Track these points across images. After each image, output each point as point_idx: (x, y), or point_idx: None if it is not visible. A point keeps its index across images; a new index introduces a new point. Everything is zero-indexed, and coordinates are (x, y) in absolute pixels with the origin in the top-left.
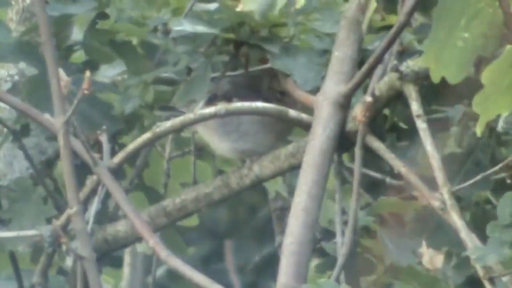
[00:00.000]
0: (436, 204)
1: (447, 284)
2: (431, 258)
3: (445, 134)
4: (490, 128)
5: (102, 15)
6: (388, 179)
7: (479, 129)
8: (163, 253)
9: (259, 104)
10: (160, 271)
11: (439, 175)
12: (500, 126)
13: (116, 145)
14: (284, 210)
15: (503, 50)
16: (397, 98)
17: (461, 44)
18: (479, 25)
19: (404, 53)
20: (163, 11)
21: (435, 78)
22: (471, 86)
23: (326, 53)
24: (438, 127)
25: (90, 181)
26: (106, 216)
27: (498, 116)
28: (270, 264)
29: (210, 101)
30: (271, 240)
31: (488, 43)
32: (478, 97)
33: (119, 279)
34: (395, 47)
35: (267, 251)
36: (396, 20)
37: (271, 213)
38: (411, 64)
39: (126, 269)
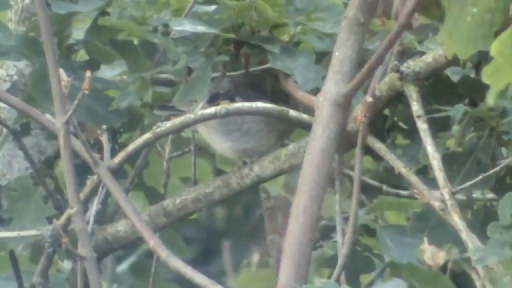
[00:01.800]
0: (436, 204)
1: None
2: (433, 255)
3: (446, 133)
4: (491, 127)
5: (103, 14)
6: (385, 187)
7: (491, 99)
8: (163, 253)
9: (260, 104)
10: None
11: (440, 176)
12: (510, 95)
13: (116, 145)
14: (276, 209)
15: None
16: (397, 99)
17: (470, 20)
18: (487, 0)
19: (405, 54)
20: (163, 12)
21: (448, 54)
22: (472, 86)
23: (326, 53)
24: (439, 126)
25: (90, 181)
26: (106, 216)
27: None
28: None
29: (212, 100)
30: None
31: (495, 18)
32: (488, 69)
33: None
34: (396, 48)
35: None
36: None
37: (263, 212)
38: (411, 65)
39: None
